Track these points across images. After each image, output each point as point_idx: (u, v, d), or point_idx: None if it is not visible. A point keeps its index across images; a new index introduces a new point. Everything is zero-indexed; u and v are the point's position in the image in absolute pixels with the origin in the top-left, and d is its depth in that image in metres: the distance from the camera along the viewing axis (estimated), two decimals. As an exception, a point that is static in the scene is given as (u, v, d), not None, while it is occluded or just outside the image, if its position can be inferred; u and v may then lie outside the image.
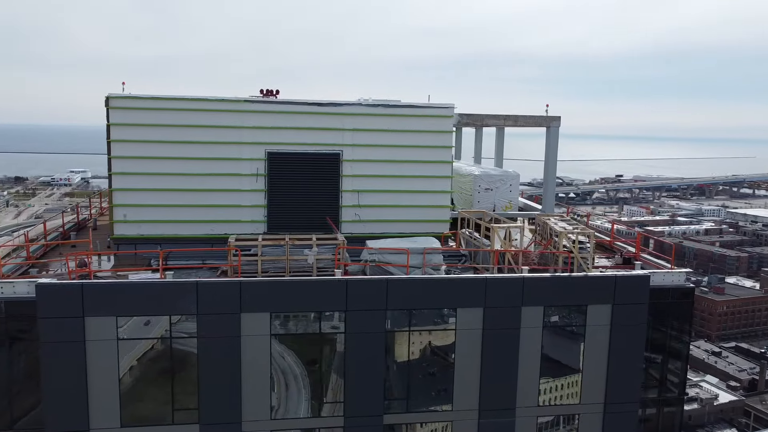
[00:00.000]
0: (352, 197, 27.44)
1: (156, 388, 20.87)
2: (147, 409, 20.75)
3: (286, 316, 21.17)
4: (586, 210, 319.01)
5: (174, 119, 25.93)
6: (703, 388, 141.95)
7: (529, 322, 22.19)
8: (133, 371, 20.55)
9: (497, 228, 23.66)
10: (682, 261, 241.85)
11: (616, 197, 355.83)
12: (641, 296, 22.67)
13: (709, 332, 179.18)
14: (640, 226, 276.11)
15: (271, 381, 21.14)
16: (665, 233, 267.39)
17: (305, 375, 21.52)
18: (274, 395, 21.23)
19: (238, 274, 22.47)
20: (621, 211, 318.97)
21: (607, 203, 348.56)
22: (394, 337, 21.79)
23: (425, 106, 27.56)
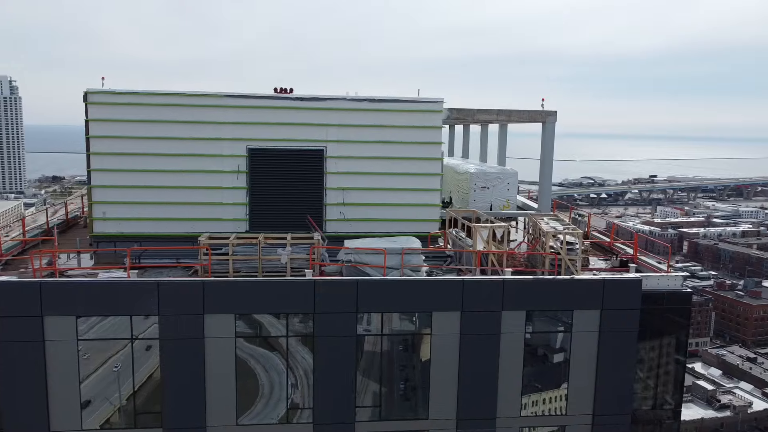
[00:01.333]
0: (336, 195, 26.53)
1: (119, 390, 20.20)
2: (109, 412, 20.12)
3: (252, 318, 20.32)
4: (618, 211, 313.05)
5: (153, 114, 25.39)
6: (737, 395, 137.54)
7: (511, 327, 20.93)
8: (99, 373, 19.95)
9: (479, 228, 22.46)
10: (718, 264, 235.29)
11: (649, 198, 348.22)
12: (632, 301, 21.21)
13: (744, 337, 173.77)
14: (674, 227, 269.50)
15: (237, 385, 20.30)
16: (700, 235, 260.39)
17: (272, 379, 20.63)
18: (240, 400, 20.39)
19: (208, 273, 21.80)
20: (654, 212, 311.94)
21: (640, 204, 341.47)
22: (366, 342, 20.77)
23: (413, 101, 26.51)
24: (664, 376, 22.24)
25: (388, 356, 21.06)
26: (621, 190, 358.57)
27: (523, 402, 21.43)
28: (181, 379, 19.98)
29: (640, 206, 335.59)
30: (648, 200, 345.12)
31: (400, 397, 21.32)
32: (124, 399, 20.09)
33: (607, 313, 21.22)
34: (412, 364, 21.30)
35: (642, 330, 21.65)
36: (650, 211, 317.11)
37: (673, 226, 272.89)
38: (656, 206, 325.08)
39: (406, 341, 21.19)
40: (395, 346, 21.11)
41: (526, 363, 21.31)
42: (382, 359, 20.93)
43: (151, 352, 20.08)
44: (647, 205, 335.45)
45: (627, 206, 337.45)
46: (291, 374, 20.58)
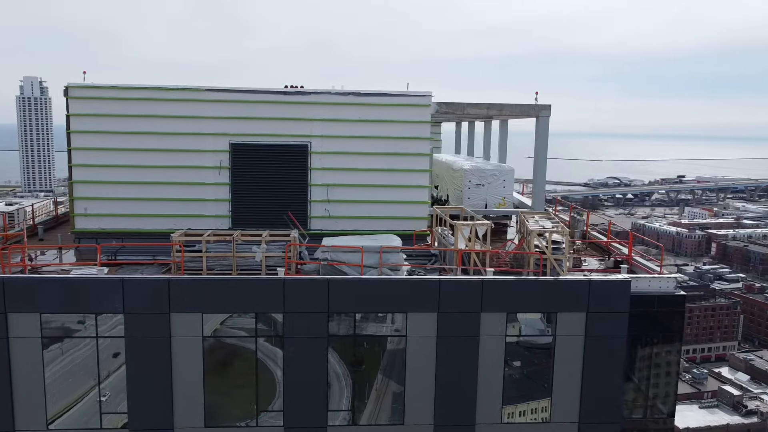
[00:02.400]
0: (321, 192, 25.83)
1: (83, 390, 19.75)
2: (74, 411, 19.67)
3: (220, 317, 19.70)
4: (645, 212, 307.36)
5: (134, 109, 24.94)
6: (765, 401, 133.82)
7: (490, 329, 19.98)
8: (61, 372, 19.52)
9: (460, 226, 21.53)
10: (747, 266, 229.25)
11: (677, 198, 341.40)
12: (620, 304, 20.09)
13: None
14: (702, 228, 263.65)
15: (205, 386, 19.70)
16: (729, 236, 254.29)
17: (241, 381, 20.00)
18: (208, 401, 19.79)
19: (181, 271, 21.27)
20: (682, 213, 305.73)
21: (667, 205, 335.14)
22: (338, 343, 20.00)
23: (399, 95, 25.67)
24: (656, 382, 21.07)
25: (362, 358, 20.27)
26: (648, 191, 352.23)
27: (504, 408, 20.45)
28: (148, 379, 19.45)
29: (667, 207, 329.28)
30: (675, 201, 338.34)
31: (374, 401, 20.49)
32: (92, 398, 19.64)
33: (593, 316, 20.14)
34: (387, 366, 20.45)
35: (632, 334, 20.53)
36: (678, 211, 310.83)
37: (701, 227, 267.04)
38: (684, 207, 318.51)
39: (380, 343, 20.36)
40: (369, 347, 20.30)
41: (507, 367, 20.34)
42: (356, 361, 20.14)
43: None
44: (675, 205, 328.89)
45: (654, 207, 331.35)
46: (258, 376, 19.90)
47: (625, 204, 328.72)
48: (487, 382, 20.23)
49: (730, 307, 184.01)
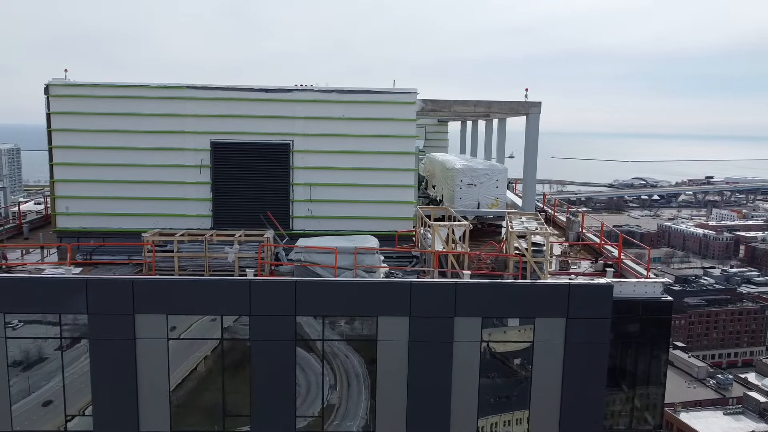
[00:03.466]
0: (304, 191, 25.29)
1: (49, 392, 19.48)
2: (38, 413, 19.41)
3: (185, 318, 19.26)
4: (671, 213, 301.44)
5: (115, 107, 24.67)
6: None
7: (465, 335, 19.22)
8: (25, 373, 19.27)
9: (437, 227, 20.81)
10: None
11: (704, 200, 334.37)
12: (602, 309, 19.17)
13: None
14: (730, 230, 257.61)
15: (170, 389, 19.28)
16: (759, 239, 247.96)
17: (210, 385, 19.53)
18: (175, 405, 19.37)
19: (152, 271, 20.93)
20: (709, 215, 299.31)
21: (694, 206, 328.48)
22: (307, 347, 19.42)
23: (383, 92, 25.01)
24: (641, 392, 20.09)
25: (332, 363, 19.65)
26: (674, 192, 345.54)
27: (480, 417, 19.65)
28: (112, 381, 19.09)
29: (694, 208, 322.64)
30: (703, 202, 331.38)
31: (344, 408, 19.85)
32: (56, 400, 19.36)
33: (573, 322, 19.25)
34: (357, 372, 19.79)
35: (616, 341, 19.61)
36: (705, 213, 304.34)
37: (729, 229, 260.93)
38: (711, 208, 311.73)
39: (351, 347, 19.71)
40: (339, 352, 19.66)
41: (482, 375, 19.55)
42: (325, 366, 19.53)
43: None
44: (702, 207, 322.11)
45: (680, 208, 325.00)
46: (225, 379, 19.41)
47: (650, 205, 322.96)
48: (462, 389, 19.47)
49: (758, 312, 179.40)
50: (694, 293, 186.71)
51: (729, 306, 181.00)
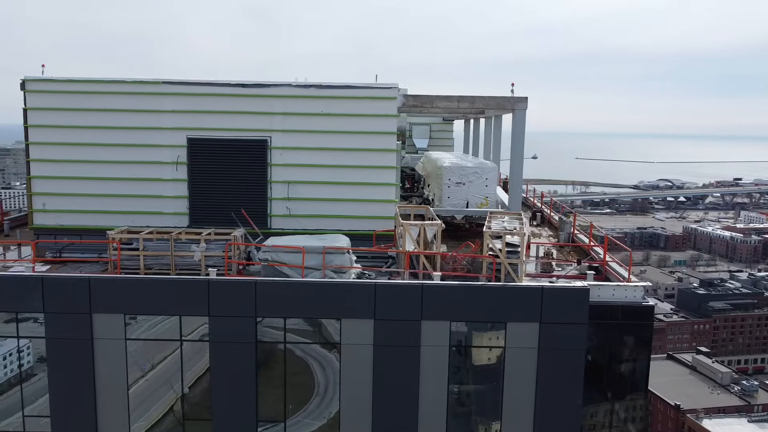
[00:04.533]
0: (282, 189, 24.68)
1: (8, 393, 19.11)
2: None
3: (143, 319, 18.72)
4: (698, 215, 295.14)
5: (91, 103, 24.35)
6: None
7: (432, 339, 18.36)
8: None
9: (408, 226, 19.98)
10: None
11: (732, 202, 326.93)
12: (578, 314, 18.15)
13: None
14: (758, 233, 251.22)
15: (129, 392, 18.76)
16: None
17: (167, 388, 18.96)
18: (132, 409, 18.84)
19: (117, 270, 20.46)
20: (737, 217, 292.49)
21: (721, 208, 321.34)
22: (268, 351, 18.75)
23: (363, 87, 24.28)
24: (622, 403, 19.01)
25: (295, 367, 18.93)
26: (701, 194, 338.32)
27: (450, 428, 18.76)
28: (69, 383, 18.63)
29: (721, 211, 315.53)
30: (731, 204, 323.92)
31: (308, 414, 19.13)
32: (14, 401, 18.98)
33: (547, 327, 18.26)
34: (320, 377, 19.05)
35: (593, 348, 18.59)
36: (733, 215, 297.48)
37: (758, 232, 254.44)
38: (740, 211, 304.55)
39: (315, 351, 18.98)
40: (302, 355, 18.94)
41: (451, 382, 18.66)
42: (287, 370, 18.82)
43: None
44: (730, 209, 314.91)
45: (707, 210, 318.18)
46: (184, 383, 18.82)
47: (676, 207, 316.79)
48: (430, 397, 18.60)
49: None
50: (719, 297, 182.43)
51: (756, 311, 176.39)
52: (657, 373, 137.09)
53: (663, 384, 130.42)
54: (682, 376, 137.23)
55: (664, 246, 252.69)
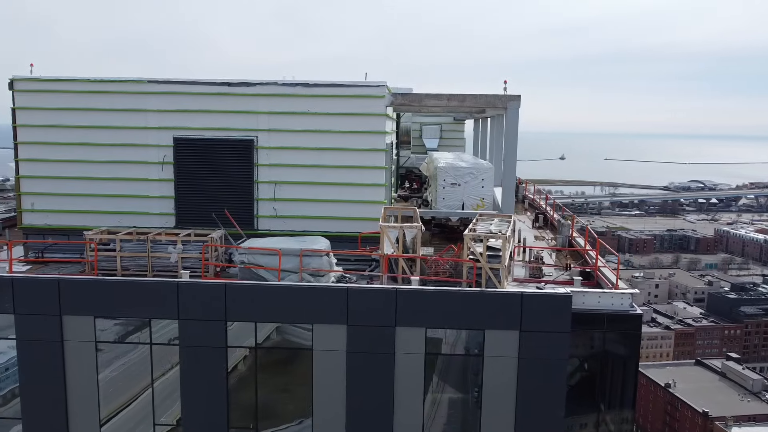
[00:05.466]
0: (269, 189, 24.21)
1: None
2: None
3: (113, 322, 18.39)
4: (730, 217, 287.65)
5: (78, 102, 24.21)
6: None
7: (407, 346, 17.67)
8: None
9: (386, 228, 19.30)
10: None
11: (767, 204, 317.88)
12: (560, 322, 17.27)
13: None
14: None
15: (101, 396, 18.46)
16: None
17: (137, 392, 18.61)
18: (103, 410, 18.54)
19: (94, 271, 20.20)
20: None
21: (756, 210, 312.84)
22: (239, 355, 18.26)
23: (350, 86, 23.68)
24: (607, 415, 18.05)
25: (267, 373, 18.42)
26: (734, 195, 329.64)
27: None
28: (41, 385, 18.40)
29: (755, 213, 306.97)
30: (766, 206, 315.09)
31: (280, 421, 18.59)
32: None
33: (528, 336, 17.41)
34: (293, 384, 18.50)
35: (577, 358, 17.70)
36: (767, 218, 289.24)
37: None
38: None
39: (287, 357, 18.45)
40: (274, 361, 18.42)
41: (427, 391, 17.94)
42: (257, 377, 18.31)
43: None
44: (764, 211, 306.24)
45: (740, 213, 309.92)
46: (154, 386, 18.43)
47: (708, 209, 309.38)
48: (406, 406, 17.90)
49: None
50: (751, 302, 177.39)
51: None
52: (685, 379, 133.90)
53: (691, 390, 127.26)
54: (711, 382, 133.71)
55: (694, 249, 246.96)
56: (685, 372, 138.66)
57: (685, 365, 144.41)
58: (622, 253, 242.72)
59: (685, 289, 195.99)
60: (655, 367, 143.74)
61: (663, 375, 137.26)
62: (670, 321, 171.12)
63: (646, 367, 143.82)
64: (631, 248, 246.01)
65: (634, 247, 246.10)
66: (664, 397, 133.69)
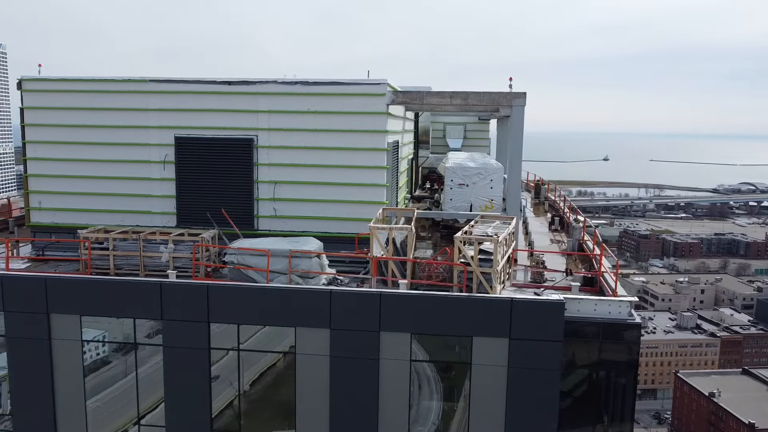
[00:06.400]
0: (269, 189, 23.91)
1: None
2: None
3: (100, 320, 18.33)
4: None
5: (83, 102, 24.36)
6: None
7: (392, 352, 17.04)
8: None
9: (375, 230, 18.70)
10: None
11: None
12: (552, 330, 16.39)
13: None
14: None
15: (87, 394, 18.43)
16: None
17: (123, 392, 18.50)
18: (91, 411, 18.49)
19: (88, 270, 20.25)
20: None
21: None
22: (223, 358, 17.94)
23: (350, 83, 23.15)
24: (604, 429, 17.07)
25: (249, 376, 18.06)
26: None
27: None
28: (29, 383, 18.47)
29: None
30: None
31: (263, 425, 18.21)
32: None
33: (518, 344, 16.58)
34: (276, 387, 18.09)
35: (571, 369, 16.77)
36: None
37: None
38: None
39: (269, 360, 18.04)
40: (257, 364, 18.04)
41: (413, 400, 17.27)
42: (240, 379, 17.96)
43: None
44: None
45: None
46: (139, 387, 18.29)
47: (759, 212, 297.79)
48: (390, 414, 17.29)
49: None
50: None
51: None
52: (731, 388, 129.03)
53: (736, 400, 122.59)
54: (759, 392, 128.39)
55: (744, 253, 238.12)
56: (730, 381, 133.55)
57: (731, 374, 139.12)
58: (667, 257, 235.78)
59: (732, 295, 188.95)
60: (699, 376, 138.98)
61: (707, 384, 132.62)
62: (716, 328, 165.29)
63: (690, 376, 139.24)
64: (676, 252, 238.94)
65: (679, 250, 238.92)
66: (708, 407, 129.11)
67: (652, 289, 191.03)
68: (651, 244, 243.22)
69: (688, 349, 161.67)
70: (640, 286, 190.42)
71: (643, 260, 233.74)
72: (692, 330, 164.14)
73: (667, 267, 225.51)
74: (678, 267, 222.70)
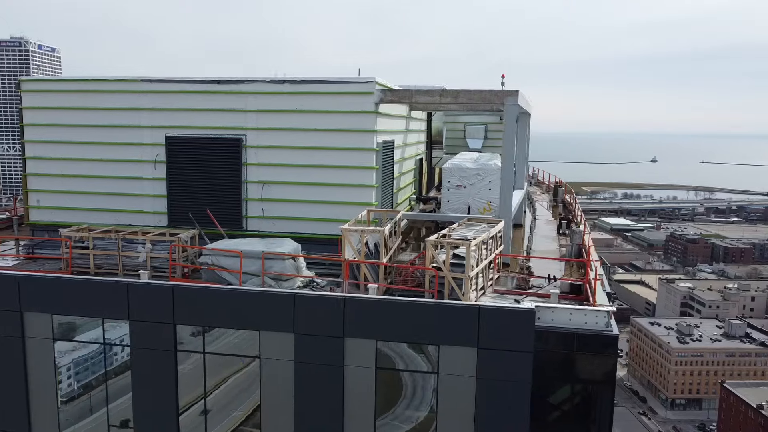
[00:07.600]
0: (257, 189, 23.64)
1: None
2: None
3: (71, 321, 18.32)
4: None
5: (78, 102, 24.61)
6: None
7: (357, 359, 16.45)
8: None
9: (347, 232, 18.13)
10: None
11: None
12: (522, 340, 15.51)
13: None
14: None
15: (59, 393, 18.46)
16: None
17: (93, 392, 18.44)
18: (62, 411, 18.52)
19: (68, 269, 20.35)
20: None
21: None
22: (190, 361, 17.67)
23: (337, 82, 22.65)
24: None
25: (216, 381, 17.73)
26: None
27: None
28: (4, 381, 18.61)
29: None
30: None
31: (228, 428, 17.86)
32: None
33: (486, 354, 15.76)
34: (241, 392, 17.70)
35: (544, 381, 15.85)
36: None
37: None
38: None
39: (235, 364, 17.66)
40: (223, 368, 17.70)
41: (379, 409, 16.62)
42: (205, 384, 17.65)
43: None
44: None
45: None
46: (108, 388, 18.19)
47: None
48: (356, 424, 16.70)
49: None
50: None
51: None
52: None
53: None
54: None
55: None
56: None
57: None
58: (716, 263, 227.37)
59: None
60: (747, 387, 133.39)
61: (756, 395, 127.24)
62: (766, 337, 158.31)
63: (737, 386, 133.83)
64: (726, 257, 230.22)
65: (730, 256, 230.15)
66: (756, 420, 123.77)
67: (699, 295, 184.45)
68: (699, 249, 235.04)
69: (735, 358, 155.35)
70: (685, 292, 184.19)
71: (691, 265, 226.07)
72: (741, 339, 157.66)
73: (716, 273, 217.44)
74: (728, 273, 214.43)
